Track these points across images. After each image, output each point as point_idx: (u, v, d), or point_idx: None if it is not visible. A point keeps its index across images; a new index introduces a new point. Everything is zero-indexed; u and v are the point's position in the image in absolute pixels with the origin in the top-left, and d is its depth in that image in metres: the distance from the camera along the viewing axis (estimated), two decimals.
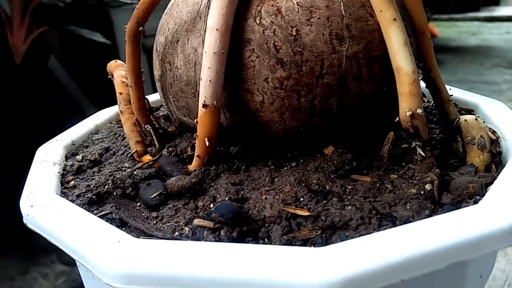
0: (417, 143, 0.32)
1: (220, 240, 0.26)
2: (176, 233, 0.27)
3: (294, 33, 0.31)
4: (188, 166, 0.34)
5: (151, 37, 0.39)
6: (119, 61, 0.42)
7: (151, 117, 0.38)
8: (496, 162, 0.34)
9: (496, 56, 3.36)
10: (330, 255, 0.22)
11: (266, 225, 0.28)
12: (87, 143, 0.43)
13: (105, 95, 0.54)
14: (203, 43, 0.31)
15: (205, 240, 0.26)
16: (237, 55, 0.32)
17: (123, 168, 0.36)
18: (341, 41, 0.32)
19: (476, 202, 0.27)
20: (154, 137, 0.37)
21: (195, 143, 0.33)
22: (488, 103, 0.42)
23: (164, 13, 0.38)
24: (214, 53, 0.30)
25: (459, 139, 0.37)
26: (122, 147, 0.40)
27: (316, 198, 0.29)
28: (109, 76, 0.43)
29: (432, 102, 0.43)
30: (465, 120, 0.36)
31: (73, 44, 1.57)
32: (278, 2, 0.32)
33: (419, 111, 0.32)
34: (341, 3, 0.32)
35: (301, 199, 0.29)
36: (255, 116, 0.33)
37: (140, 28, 0.34)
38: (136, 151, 0.37)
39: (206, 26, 0.31)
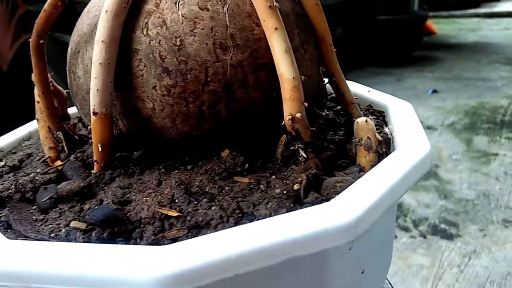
0: (299, 145, 0.34)
1: (89, 241, 0.28)
2: (52, 235, 0.29)
3: (178, 43, 0.33)
4: (92, 171, 0.36)
5: None
6: None
7: (64, 124, 0.40)
8: None
9: (494, 52, 3.35)
10: (163, 253, 0.24)
11: (141, 226, 0.30)
12: (16, 150, 0.46)
13: None
14: None
15: (76, 241, 0.28)
16: (127, 65, 0.34)
17: (32, 174, 0.38)
18: (225, 50, 0.33)
19: (329, 200, 0.29)
20: (64, 144, 0.39)
21: None
22: (397, 105, 0.43)
23: (78, 21, 0.40)
24: (100, 63, 0.32)
25: (353, 140, 0.38)
26: (42, 154, 0.42)
27: (189, 199, 0.30)
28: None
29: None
30: (357, 122, 0.37)
31: (62, 49, 1.60)
32: (164, 14, 0.34)
33: (298, 115, 0.33)
34: (226, 14, 0.34)
35: (176, 200, 0.31)
36: (149, 122, 0.35)
37: (41, 41, 0.36)
38: (49, 156, 0.39)
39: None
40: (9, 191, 0.35)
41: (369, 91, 0.48)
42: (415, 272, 1.21)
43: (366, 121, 0.37)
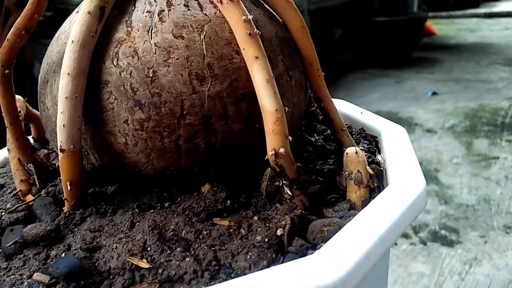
0: (284, 182, 0.31)
1: None
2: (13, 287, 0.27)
3: (151, 75, 0.31)
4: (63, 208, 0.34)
5: None
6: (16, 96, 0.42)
7: (36, 155, 0.37)
8: (375, 196, 0.33)
9: (494, 53, 3.32)
10: None
11: (110, 277, 0.27)
12: None
13: None
14: None
15: None
16: (96, 97, 0.31)
17: (1, 211, 0.35)
18: (202, 81, 0.31)
19: (317, 249, 0.26)
20: (36, 177, 0.36)
21: None
22: (390, 130, 0.40)
23: (48, 48, 0.37)
24: (66, 97, 0.30)
25: (343, 173, 0.36)
26: (14, 185, 0.40)
27: (162, 248, 0.28)
28: None
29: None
30: (347, 153, 0.35)
31: None
32: (135, 43, 0.31)
33: (282, 150, 0.31)
34: (203, 42, 0.32)
35: (149, 248, 0.28)
36: (122, 157, 0.33)
37: (6, 71, 0.33)
38: (20, 190, 0.37)
39: None
40: None
41: (361, 112, 0.46)
42: (415, 280, 1.19)
43: (356, 152, 0.35)
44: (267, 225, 0.29)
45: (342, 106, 0.48)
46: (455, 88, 2.70)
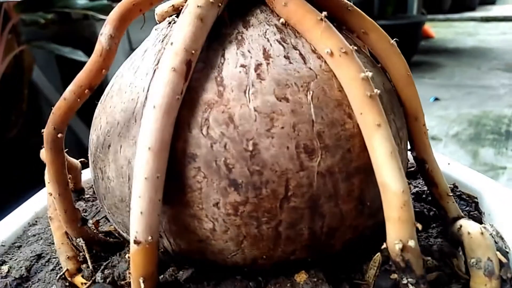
0: (409, 280, 0.26)
1: None
2: None
3: (250, 148, 0.24)
4: None
5: None
6: None
7: (86, 228, 0.31)
8: None
9: (494, 58, 3.31)
10: None
11: None
12: (20, 241, 0.37)
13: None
14: None
15: None
16: (180, 173, 0.25)
17: None
18: (311, 155, 0.25)
19: None
20: (87, 255, 0.30)
21: None
22: (493, 191, 0.35)
23: (100, 101, 0.31)
24: (145, 178, 0.24)
25: (460, 253, 0.30)
26: (54, 256, 0.33)
27: None
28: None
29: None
30: (468, 233, 0.29)
31: (58, 62, 1.50)
32: (230, 107, 0.25)
33: (411, 243, 0.25)
34: (311, 105, 0.25)
35: None
36: (206, 244, 0.26)
37: (59, 135, 0.27)
38: (67, 270, 0.30)
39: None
40: None
41: (448, 163, 0.40)
42: None
43: (482, 233, 0.29)
44: None
45: None
46: (457, 94, 2.67)
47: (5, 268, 0.33)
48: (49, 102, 1.48)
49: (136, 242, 0.24)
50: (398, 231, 0.25)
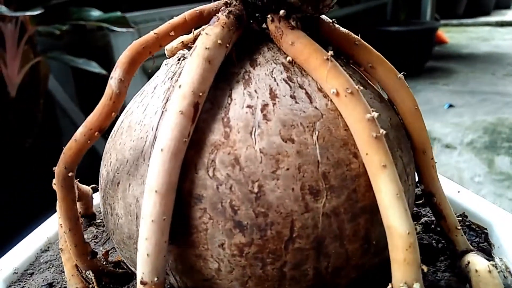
0: None
1: None
2: None
3: (256, 190, 0.25)
4: None
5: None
6: None
7: (96, 260, 0.31)
8: None
9: (509, 64, 3.26)
10: None
11: None
12: (32, 268, 0.37)
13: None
14: None
15: None
16: (186, 214, 0.25)
17: None
18: (316, 196, 0.25)
19: None
20: (96, 287, 0.30)
21: None
22: (504, 222, 0.34)
23: (110, 135, 0.31)
24: (152, 221, 0.24)
25: None
26: (65, 285, 0.34)
27: None
28: None
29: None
30: (476, 271, 0.29)
31: (73, 68, 1.52)
32: (236, 149, 0.25)
33: (416, 286, 0.25)
34: (317, 145, 0.25)
35: None
36: (211, 283, 0.27)
37: (70, 174, 0.27)
38: None
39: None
40: None
41: (458, 191, 0.40)
42: None
43: (490, 271, 0.29)
44: None
45: None
46: (472, 101, 2.64)
47: None
48: (64, 111, 1.50)
49: (142, 283, 0.25)
50: (403, 273, 0.25)
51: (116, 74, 0.26)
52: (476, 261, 0.30)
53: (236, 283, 0.26)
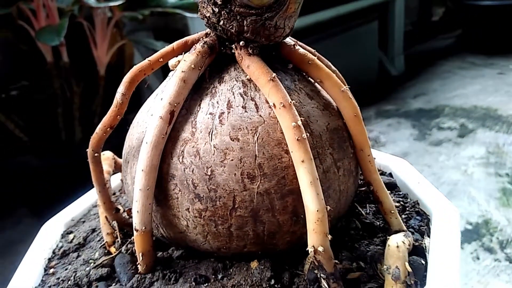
0: (321, 275, 0.35)
1: None
2: None
3: (209, 173, 0.35)
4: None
5: None
6: (106, 154, 0.50)
7: (119, 215, 0.45)
8: None
9: None
10: None
11: None
12: (85, 218, 0.52)
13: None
14: None
15: None
16: (165, 187, 0.37)
17: (90, 261, 0.43)
18: (252, 180, 0.35)
19: None
20: (118, 233, 0.43)
21: None
22: (441, 214, 0.41)
23: (130, 126, 0.44)
24: (140, 189, 0.36)
25: (382, 267, 0.38)
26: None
27: None
28: None
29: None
30: (388, 245, 0.37)
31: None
32: (198, 144, 0.36)
33: (320, 248, 0.34)
34: (256, 144, 0.35)
35: None
36: (184, 235, 0.38)
37: (96, 154, 0.40)
38: (106, 241, 0.44)
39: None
40: (69, 282, 0.40)
41: (418, 182, 0.47)
42: None
43: (398, 246, 0.37)
44: None
45: (402, 171, 0.49)
46: None
47: (71, 236, 0.48)
48: (149, 87, 1.70)
49: (135, 230, 0.37)
50: (312, 239, 0.34)
51: (120, 89, 0.38)
52: (392, 238, 0.38)
53: (200, 236, 0.37)
